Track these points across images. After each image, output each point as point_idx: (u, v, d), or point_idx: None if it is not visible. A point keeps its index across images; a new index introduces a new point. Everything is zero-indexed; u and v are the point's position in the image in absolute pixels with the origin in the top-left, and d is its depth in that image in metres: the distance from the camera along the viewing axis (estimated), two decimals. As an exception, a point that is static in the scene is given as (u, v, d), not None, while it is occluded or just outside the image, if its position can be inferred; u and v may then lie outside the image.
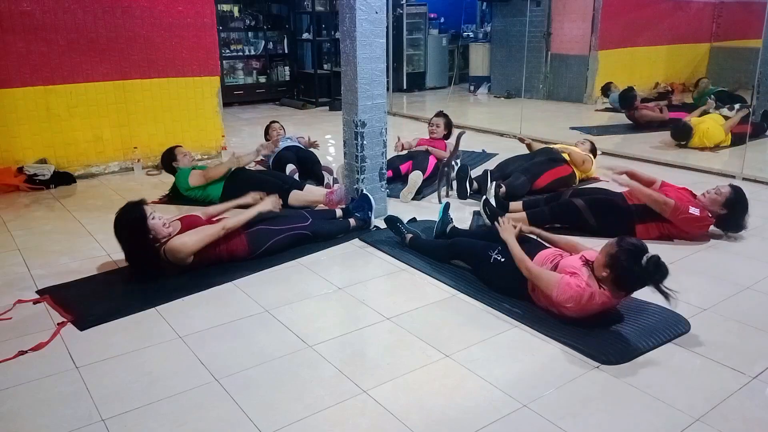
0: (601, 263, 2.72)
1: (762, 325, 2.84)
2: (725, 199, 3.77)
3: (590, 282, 2.72)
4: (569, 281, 2.73)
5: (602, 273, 2.70)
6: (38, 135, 5.30)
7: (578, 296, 2.69)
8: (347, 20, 3.96)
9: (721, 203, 3.78)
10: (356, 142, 4.13)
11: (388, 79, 6.24)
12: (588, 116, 8.60)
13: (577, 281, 2.72)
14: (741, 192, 3.81)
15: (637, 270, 2.63)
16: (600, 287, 2.71)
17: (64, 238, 4.03)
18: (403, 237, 3.75)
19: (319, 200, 4.44)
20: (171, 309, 3.03)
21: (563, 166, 4.83)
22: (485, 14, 11.55)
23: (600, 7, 9.10)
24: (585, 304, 2.70)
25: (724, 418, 2.19)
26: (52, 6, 5.12)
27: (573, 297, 2.70)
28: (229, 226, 3.43)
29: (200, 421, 2.19)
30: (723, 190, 3.80)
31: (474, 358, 2.57)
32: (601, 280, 2.72)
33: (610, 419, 2.20)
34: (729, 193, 3.78)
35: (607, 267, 2.68)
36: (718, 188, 3.84)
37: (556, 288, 2.74)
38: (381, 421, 2.18)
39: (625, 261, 2.64)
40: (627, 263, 2.64)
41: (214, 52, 6.04)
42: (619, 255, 2.65)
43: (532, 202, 4.22)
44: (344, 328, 2.88)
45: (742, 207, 3.78)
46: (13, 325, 2.89)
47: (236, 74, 10.00)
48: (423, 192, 4.87)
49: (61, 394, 2.35)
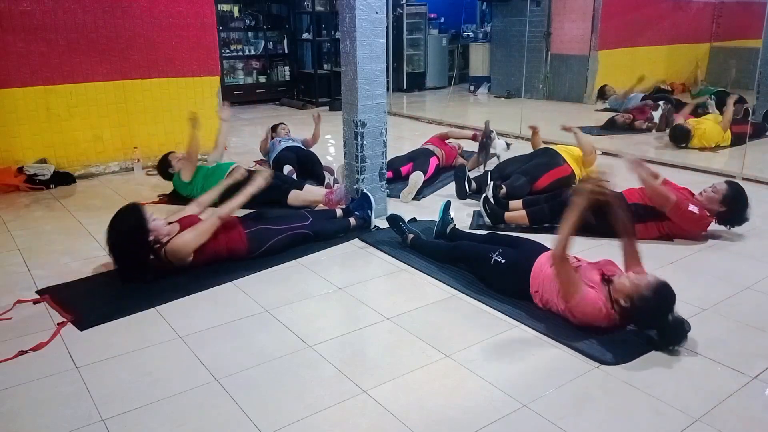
0: (625, 293, 2.60)
1: (762, 325, 2.84)
2: (722, 196, 3.77)
3: (606, 303, 2.67)
4: (593, 297, 2.65)
5: (621, 302, 2.61)
6: (38, 135, 5.30)
7: (593, 315, 2.66)
8: (347, 20, 3.96)
9: (718, 201, 3.78)
10: (356, 142, 4.13)
11: (388, 79, 6.24)
12: (588, 116, 8.60)
13: (598, 300, 2.66)
14: (738, 187, 3.81)
15: (658, 322, 2.58)
16: (612, 308, 2.66)
17: (64, 238, 4.03)
18: (404, 236, 3.75)
19: (318, 200, 4.44)
20: (171, 309, 3.03)
21: (563, 167, 4.82)
22: (485, 14, 11.56)
23: (600, 7, 9.10)
24: (593, 320, 2.69)
25: (724, 418, 2.19)
26: (52, 6, 5.12)
27: (589, 314, 2.67)
28: (224, 214, 3.42)
29: (200, 421, 2.20)
30: (719, 188, 3.80)
31: (474, 358, 2.57)
32: (615, 301, 2.65)
33: (610, 419, 2.20)
34: (726, 190, 3.77)
35: (631, 302, 2.58)
36: (714, 186, 3.84)
37: (579, 297, 2.67)
38: (381, 421, 2.19)
39: (652, 309, 2.55)
40: (653, 312, 2.56)
41: (214, 52, 6.04)
42: (650, 301, 2.53)
43: (533, 201, 4.22)
44: (344, 328, 2.89)
45: (740, 202, 3.77)
46: (13, 325, 2.88)
47: (236, 74, 10.00)
48: (423, 192, 4.87)
49: (61, 394, 2.35)
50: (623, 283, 2.64)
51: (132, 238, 3.20)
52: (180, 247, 3.25)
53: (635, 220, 3.81)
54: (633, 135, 7.25)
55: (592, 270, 2.81)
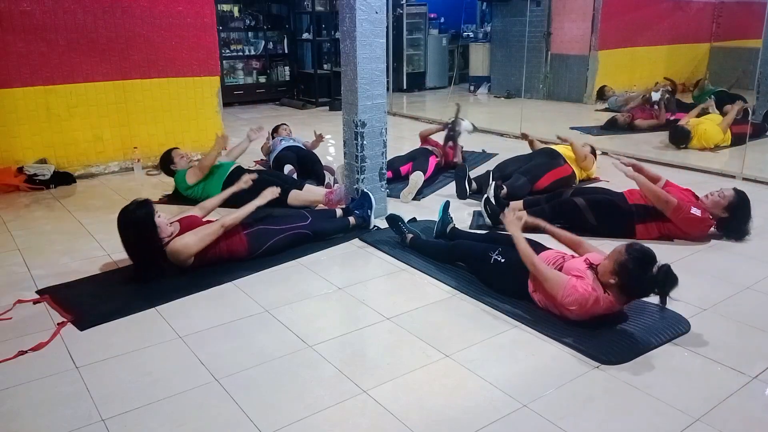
0: (608, 270, 2.67)
1: (762, 325, 2.84)
2: (728, 202, 3.75)
3: (595, 286, 2.70)
4: (576, 284, 2.71)
5: (609, 279, 2.66)
6: (38, 135, 5.30)
7: (584, 300, 2.68)
8: (347, 20, 3.96)
9: (723, 206, 3.76)
10: (356, 142, 4.13)
11: (388, 79, 6.24)
12: (588, 116, 8.60)
13: (583, 285, 2.70)
14: (745, 197, 3.77)
15: (647, 279, 2.60)
16: (605, 292, 2.69)
17: (64, 238, 4.03)
18: (404, 236, 3.75)
19: (318, 200, 4.44)
20: (171, 309, 3.03)
21: (563, 167, 4.82)
22: (485, 14, 11.55)
23: (600, 7, 9.10)
24: (589, 308, 2.69)
25: (724, 418, 2.19)
26: (52, 6, 5.12)
27: (578, 300, 2.69)
28: (228, 223, 3.42)
29: (200, 421, 2.20)
30: (726, 194, 3.77)
31: (474, 358, 2.57)
32: (606, 285, 2.69)
33: (610, 419, 2.20)
34: (732, 197, 3.75)
35: (615, 274, 2.63)
36: (721, 191, 3.81)
37: (563, 289, 2.73)
38: (381, 421, 2.18)
39: (634, 270, 2.60)
40: (636, 272, 2.60)
41: (214, 52, 6.04)
42: (628, 263, 2.60)
43: (533, 201, 4.22)
44: (344, 328, 2.88)
45: (744, 212, 3.76)
46: (13, 325, 2.89)
47: (236, 74, 10.00)
48: (423, 192, 4.87)
49: (61, 394, 2.35)
50: (603, 263, 2.74)
51: (141, 233, 3.20)
52: (180, 249, 3.25)
53: (636, 220, 3.83)
54: (633, 135, 7.24)
55: (578, 261, 2.87)
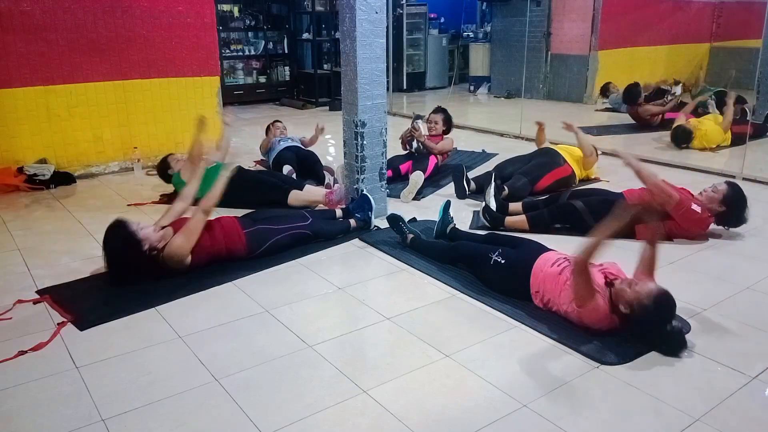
0: (626, 299, 2.58)
1: (762, 325, 2.84)
2: (722, 196, 3.77)
3: (607, 306, 2.66)
4: (602, 305, 2.63)
5: (621, 308, 2.60)
6: (38, 135, 5.30)
7: (598, 321, 2.66)
8: (347, 20, 3.96)
9: (719, 200, 3.78)
10: (356, 142, 4.13)
11: (388, 79, 6.24)
12: (588, 116, 8.60)
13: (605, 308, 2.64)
14: (738, 188, 3.82)
15: (659, 333, 2.58)
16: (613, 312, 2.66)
17: (64, 238, 4.03)
18: (404, 236, 3.75)
19: (318, 200, 4.44)
20: (171, 309, 3.03)
21: (564, 167, 4.83)
22: (485, 14, 11.54)
23: (600, 7, 9.10)
24: (596, 324, 2.68)
25: (724, 418, 2.19)
26: (52, 6, 5.12)
27: (595, 321, 2.67)
28: (206, 205, 3.36)
29: (200, 421, 2.20)
30: (720, 188, 3.80)
31: (474, 358, 2.57)
32: (616, 306, 2.64)
33: (610, 419, 2.20)
34: (726, 190, 3.78)
35: (630, 309, 2.57)
36: (714, 186, 3.84)
37: (593, 304, 2.64)
38: (381, 421, 2.18)
39: (653, 320, 2.55)
40: (654, 324, 2.56)
41: (214, 52, 6.04)
42: (650, 311, 2.52)
43: (532, 205, 4.22)
44: (344, 328, 2.88)
45: (740, 203, 3.78)
46: (13, 325, 2.88)
47: (236, 74, 9.99)
48: (423, 192, 4.87)
49: (61, 394, 2.35)
50: (624, 289, 2.61)
51: (127, 254, 3.16)
52: (176, 251, 3.23)
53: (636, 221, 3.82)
54: (634, 135, 7.24)
55: (597, 273, 2.78)
